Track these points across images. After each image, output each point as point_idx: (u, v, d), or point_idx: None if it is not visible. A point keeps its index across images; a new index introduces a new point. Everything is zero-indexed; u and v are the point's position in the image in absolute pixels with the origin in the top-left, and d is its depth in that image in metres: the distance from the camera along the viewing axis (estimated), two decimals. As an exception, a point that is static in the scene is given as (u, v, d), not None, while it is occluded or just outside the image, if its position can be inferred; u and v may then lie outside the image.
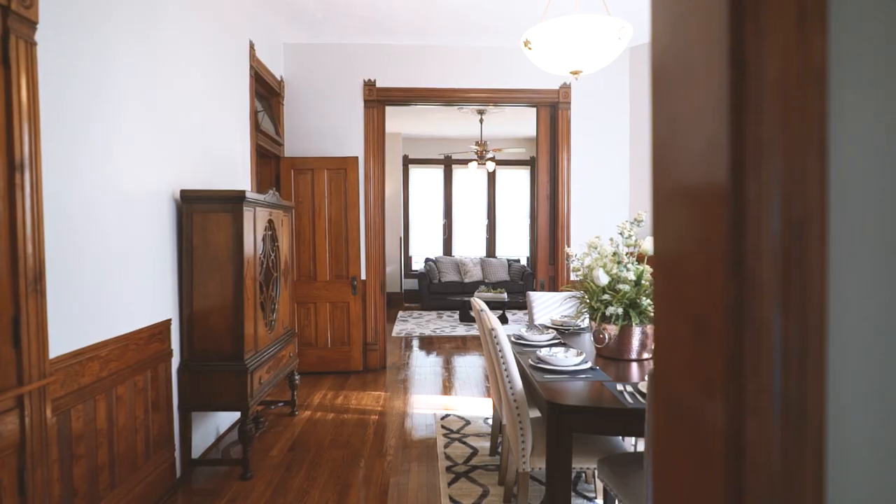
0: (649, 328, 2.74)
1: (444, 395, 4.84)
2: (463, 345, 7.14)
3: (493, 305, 9.11)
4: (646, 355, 2.78)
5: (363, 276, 5.57)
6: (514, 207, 11.32)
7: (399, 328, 8.16)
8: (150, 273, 2.83)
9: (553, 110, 5.74)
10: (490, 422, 4.08)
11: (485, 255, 11.24)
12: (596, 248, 2.81)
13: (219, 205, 3.10)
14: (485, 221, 11.33)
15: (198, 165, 3.43)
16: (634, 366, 2.70)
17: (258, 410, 4.12)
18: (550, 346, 3.06)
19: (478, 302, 3.14)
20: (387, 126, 9.85)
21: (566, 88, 5.63)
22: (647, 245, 2.84)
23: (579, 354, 2.66)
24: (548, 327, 3.60)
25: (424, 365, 5.98)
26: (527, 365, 2.64)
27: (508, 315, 9.17)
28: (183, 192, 3.08)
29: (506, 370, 2.40)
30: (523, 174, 11.27)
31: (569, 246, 5.68)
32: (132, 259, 2.66)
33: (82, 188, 2.25)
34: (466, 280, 10.26)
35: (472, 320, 8.72)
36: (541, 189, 5.78)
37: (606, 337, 2.77)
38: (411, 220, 11.21)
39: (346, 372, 5.49)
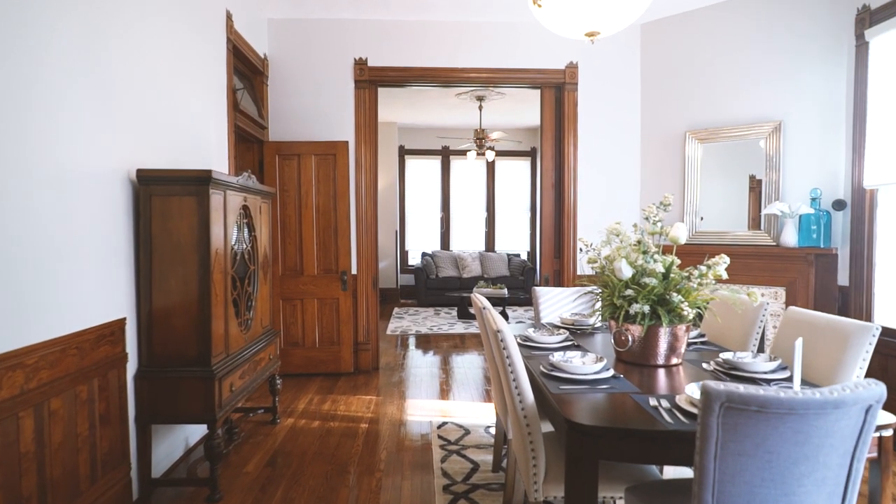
0: (679, 328, 2.34)
1: (441, 400, 4.44)
2: (461, 343, 6.75)
3: (492, 302, 8.71)
4: (675, 360, 2.39)
5: (354, 271, 5.17)
6: (514, 200, 10.91)
7: (394, 326, 7.76)
8: (98, 265, 2.42)
9: (558, 92, 5.33)
10: (492, 430, 3.69)
11: (484, 249, 10.85)
12: (618, 236, 2.41)
13: (181, 186, 2.70)
14: (484, 214, 10.93)
15: (161, 144, 3.02)
16: (661, 373, 2.31)
17: (234, 419, 3.72)
18: (563, 349, 2.67)
19: (480, 299, 2.75)
20: (381, 114, 9.45)
21: (573, 68, 5.23)
22: (678, 232, 2.45)
23: (599, 360, 2.27)
24: (557, 327, 3.21)
25: (420, 365, 5.59)
26: (538, 372, 2.25)
27: (508, 311, 8.78)
28: (139, 171, 2.67)
29: (514, 380, 2.00)
30: (523, 165, 10.86)
31: (574, 236, 5.29)
32: (75, 249, 2.25)
33: (-2, 160, 1.84)
34: (465, 275, 9.86)
35: (471, 317, 8.33)
36: (545, 177, 5.38)
37: (630, 339, 2.38)
38: (407, 213, 10.80)
39: (336, 374, 5.09)
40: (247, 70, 4.77)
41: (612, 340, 2.47)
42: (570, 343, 2.77)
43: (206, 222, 2.70)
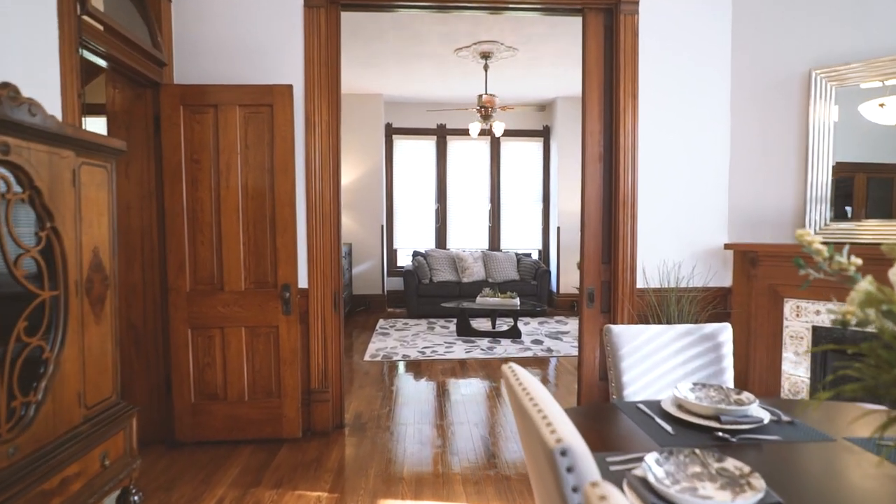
0: None
1: (436, 502, 2.70)
2: (461, 371, 5.05)
3: (502, 314, 6.99)
4: None
5: (303, 284, 3.43)
6: (523, 189, 9.15)
7: (376, 347, 6.02)
8: None
9: (609, 18, 3.59)
10: None
11: (487, 247, 9.09)
12: None
13: None
14: (487, 206, 9.18)
15: None
16: None
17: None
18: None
19: (533, 399, 1.02)
20: (364, 85, 7.63)
21: (631, -20, 3.49)
22: None
23: None
24: (681, 423, 1.50)
25: (407, 419, 3.85)
26: None
27: (521, 326, 7.05)
28: None
29: None
30: (535, 147, 9.11)
31: (634, 233, 3.56)
32: None
33: None
34: (465, 279, 8.12)
35: (473, 334, 6.60)
36: (589, 143, 3.64)
37: None
38: (396, 205, 9.04)
39: (276, 441, 3.35)
40: (129, -31, 3.01)
41: None
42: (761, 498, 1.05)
43: None
